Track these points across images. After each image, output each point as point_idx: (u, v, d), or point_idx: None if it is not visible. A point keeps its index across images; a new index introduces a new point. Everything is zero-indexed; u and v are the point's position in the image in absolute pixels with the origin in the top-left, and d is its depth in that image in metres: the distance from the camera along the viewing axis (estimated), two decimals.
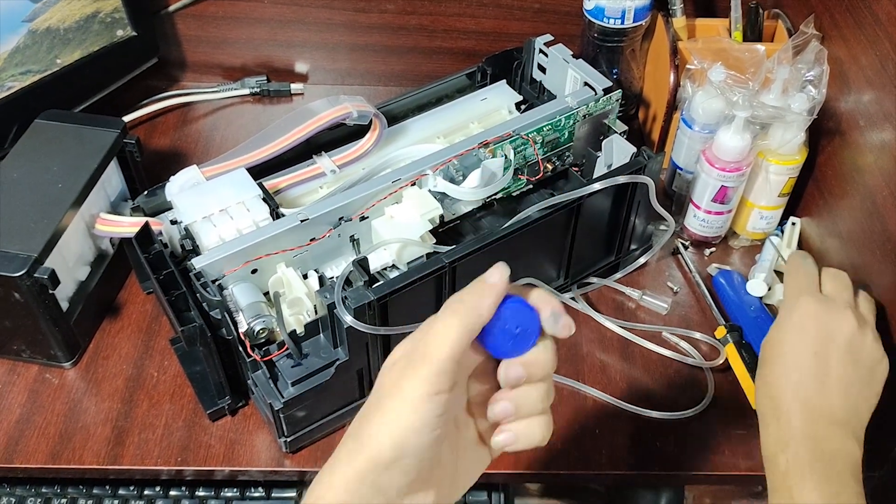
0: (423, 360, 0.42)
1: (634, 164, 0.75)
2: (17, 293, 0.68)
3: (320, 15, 1.01)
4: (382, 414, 0.42)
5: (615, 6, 0.87)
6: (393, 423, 0.42)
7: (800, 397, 0.60)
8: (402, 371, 0.43)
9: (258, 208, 0.71)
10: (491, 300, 0.43)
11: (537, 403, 0.46)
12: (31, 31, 0.86)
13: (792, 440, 0.58)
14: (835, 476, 0.56)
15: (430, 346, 0.42)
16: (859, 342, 0.62)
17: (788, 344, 0.63)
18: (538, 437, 0.46)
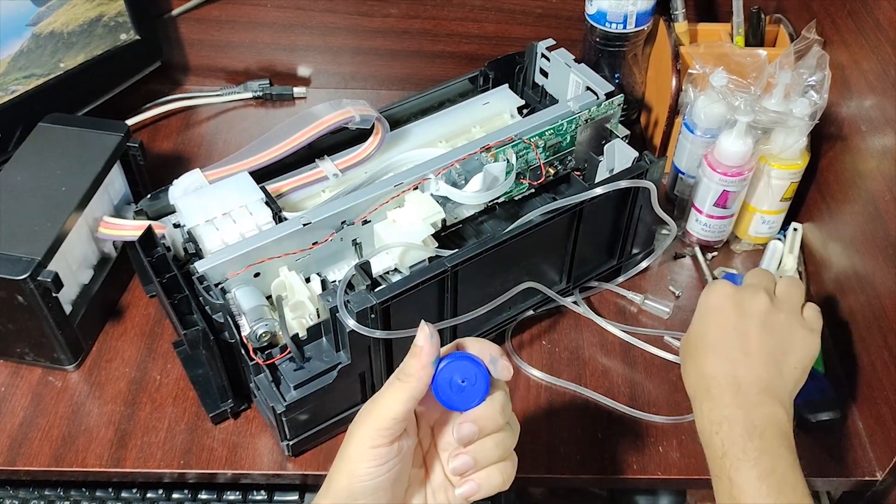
0: (369, 418, 0.49)
1: (636, 169, 0.75)
2: (20, 296, 0.68)
3: (323, 19, 1.01)
4: (342, 460, 0.50)
5: (617, 11, 0.88)
6: (345, 467, 0.49)
7: (727, 371, 0.61)
8: (357, 425, 0.50)
9: (261, 212, 0.71)
10: (420, 363, 0.49)
11: (494, 452, 0.51)
12: (34, 35, 0.86)
13: (725, 419, 0.59)
14: (767, 449, 0.57)
15: (377, 407, 0.49)
16: (773, 317, 0.63)
17: (709, 326, 0.64)
18: (498, 483, 0.51)
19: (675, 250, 0.88)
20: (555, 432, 0.72)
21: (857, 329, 0.75)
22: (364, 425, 0.49)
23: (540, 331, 0.80)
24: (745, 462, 0.57)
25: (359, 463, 0.49)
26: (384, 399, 0.49)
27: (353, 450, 0.49)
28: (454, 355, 0.50)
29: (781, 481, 0.56)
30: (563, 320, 0.81)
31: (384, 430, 0.48)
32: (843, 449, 0.72)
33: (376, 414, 0.49)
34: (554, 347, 0.79)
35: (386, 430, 0.48)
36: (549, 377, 0.76)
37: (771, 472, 0.56)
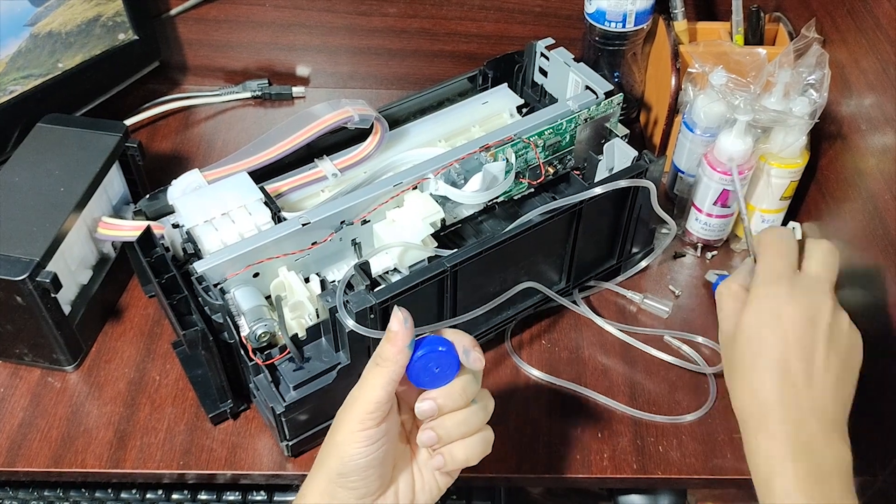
0: (355, 403, 0.52)
1: (636, 168, 0.75)
2: (19, 297, 0.68)
3: (322, 18, 1.01)
4: (332, 445, 0.53)
5: (616, 10, 0.87)
6: (335, 451, 0.52)
7: (790, 401, 0.55)
8: (344, 411, 0.53)
9: (260, 212, 0.71)
10: (396, 348, 0.51)
11: (456, 429, 0.54)
12: (32, 35, 0.86)
13: (787, 458, 0.54)
14: (835, 498, 0.52)
15: (362, 392, 0.52)
16: (838, 327, 0.57)
17: (767, 336, 0.57)
18: (462, 458, 0.55)
19: (674, 249, 0.88)
20: (554, 432, 0.72)
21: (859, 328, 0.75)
22: (351, 410, 0.52)
23: (539, 330, 0.80)
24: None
25: (349, 446, 0.52)
26: (367, 384, 0.52)
27: (342, 435, 0.52)
28: (429, 339, 0.53)
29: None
30: (563, 320, 0.81)
31: (370, 413, 0.51)
32: None
33: (362, 399, 0.52)
34: (553, 347, 0.79)
35: (372, 413, 0.51)
36: (549, 377, 0.76)
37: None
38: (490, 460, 0.69)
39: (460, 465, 0.55)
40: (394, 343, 0.51)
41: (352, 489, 0.53)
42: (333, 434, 0.53)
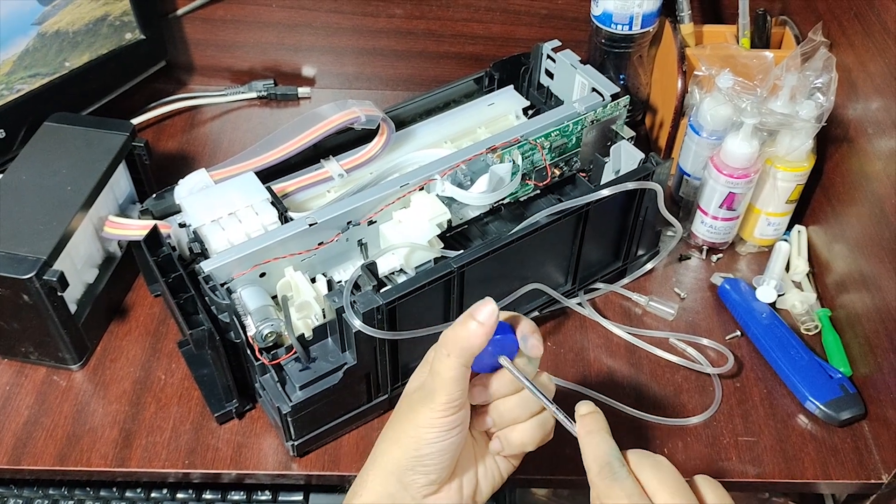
0: (433, 395, 0.52)
1: (643, 171, 0.75)
2: (26, 295, 0.68)
3: (328, 19, 1.01)
4: (404, 432, 0.53)
5: (623, 12, 0.87)
6: (410, 438, 0.52)
7: None
8: (420, 401, 0.53)
9: (267, 212, 0.71)
10: (482, 339, 0.51)
11: (509, 413, 0.55)
12: (40, 34, 0.86)
13: None
14: None
15: (438, 382, 0.52)
16: None
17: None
18: (518, 442, 0.56)
19: (679, 252, 0.88)
20: (559, 433, 0.72)
21: (863, 332, 0.75)
22: (432, 399, 0.52)
23: (545, 332, 0.80)
24: None
25: (429, 431, 0.52)
26: (446, 373, 0.52)
27: (422, 420, 0.52)
28: (500, 328, 0.53)
29: None
30: (568, 322, 0.81)
31: (453, 401, 0.52)
32: (849, 451, 0.72)
33: (443, 389, 0.52)
34: (559, 349, 0.79)
35: (454, 401, 0.52)
36: (554, 378, 0.75)
37: None
38: None
39: (516, 449, 0.56)
40: (477, 335, 0.51)
41: (424, 474, 0.53)
42: (406, 422, 0.53)
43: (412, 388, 0.56)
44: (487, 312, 0.51)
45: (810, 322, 0.80)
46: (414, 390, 0.55)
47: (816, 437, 0.73)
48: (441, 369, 0.52)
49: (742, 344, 0.80)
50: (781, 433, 0.73)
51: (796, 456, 0.71)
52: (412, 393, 0.55)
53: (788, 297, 0.82)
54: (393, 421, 0.55)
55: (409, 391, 0.56)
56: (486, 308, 0.51)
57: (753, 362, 0.78)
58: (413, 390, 0.55)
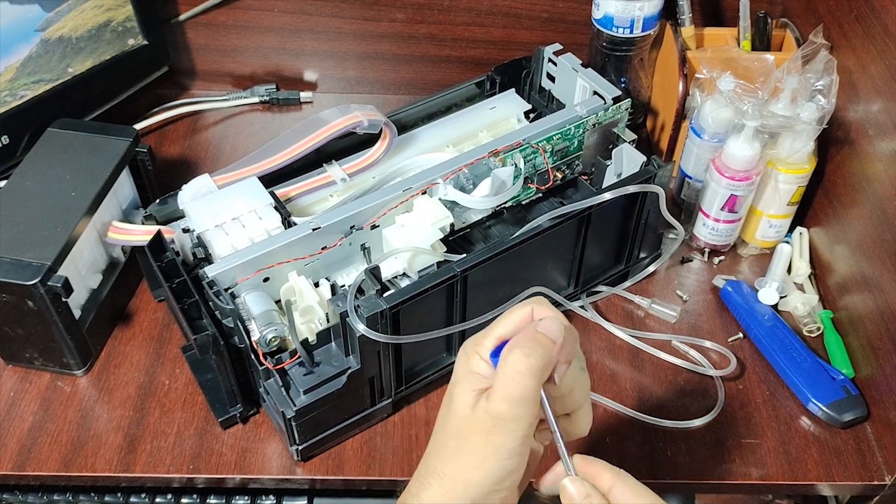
0: (515, 422, 0.47)
1: (644, 174, 0.75)
2: (30, 301, 0.68)
3: (330, 24, 1.02)
4: (483, 456, 0.48)
5: (624, 16, 0.88)
6: (494, 466, 0.48)
7: None
8: (498, 430, 0.47)
9: (270, 217, 0.72)
10: (553, 361, 0.48)
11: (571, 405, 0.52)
12: (43, 40, 0.86)
13: None
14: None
15: (517, 408, 0.47)
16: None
17: None
18: (579, 431, 0.53)
19: (682, 254, 0.88)
20: None
21: (865, 333, 0.75)
22: (507, 427, 0.48)
23: None
24: None
25: (512, 459, 0.48)
26: (523, 401, 0.47)
27: (505, 449, 0.48)
28: None
29: None
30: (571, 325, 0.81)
31: (531, 427, 0.48)
32: (852, 453, 0.72)
33: (520, 418, 0.48)
34: None
35: (532, 426, 0.48)
36: None
37: None
38: None
39: (576, 436, 0.53)
40: (552, 357, 0.47)
41: (502, 497, 0.49)
42: (482, 447, 0.48)
43: (470, 410, 0.49)
44: (557, 330, 0.48)
45: (812, 324, 0.80)
46: (476, 414, 0.48)
47: (819, 438, 0.73)
48: (517, 392, 0.47)
49: (744, 346, 0.80)
50: (784, 435, 0.73)
51: (799, 458, 0.71)
52: (473, 416, 0.48)
53: (790, 298, 0.82)
54: (452, 453, 0.49)
55: (466, 415, 0.49)
56: (556, 327, 0.48)
57: (756, 364, 0.78)
58: (473, 413, 0.48)
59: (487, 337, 0.50)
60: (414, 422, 0.73)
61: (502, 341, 0.49)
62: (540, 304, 0.50)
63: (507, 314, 0.50)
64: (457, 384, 0.50)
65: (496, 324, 0.50)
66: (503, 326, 0.50)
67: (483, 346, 0.50)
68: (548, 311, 0.50)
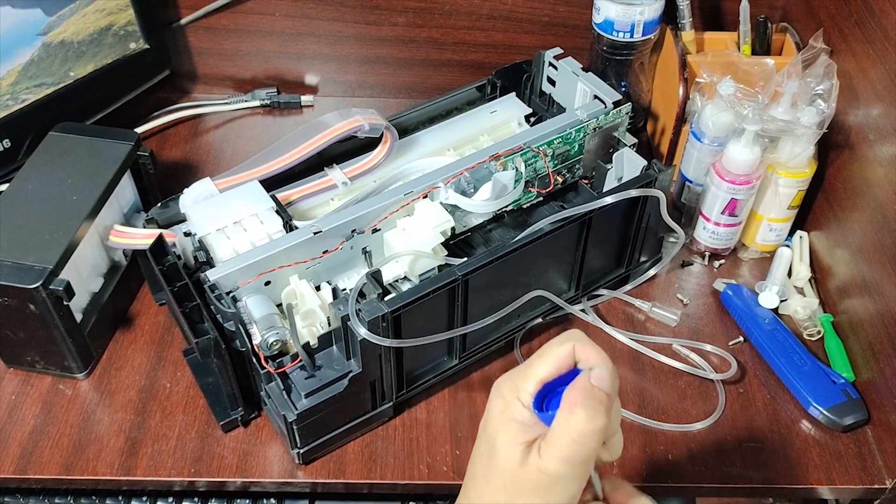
0: (569, 481, 0.45)
1: (645, 178, 0.75)
2: (32, 305, 0.68)
3: (331, 27, 1.02)
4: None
5: (625, 20, 0.88)
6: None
7: None
8: (550, 487, 0.45)
9: (272, 220, 0.72)
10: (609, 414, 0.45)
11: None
12: (45, 44, 0.86)
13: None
14: None
15: (577, 468, 0.45)
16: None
17: None
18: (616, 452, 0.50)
19: (682, 258, 0.88)
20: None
21: (866, 337, 0.75)
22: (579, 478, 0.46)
23: (549, 339, 0.79)
24: None
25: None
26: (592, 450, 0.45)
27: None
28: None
29: None
30: (572, 328, 0.81)
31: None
32: (852, 456, 0.72)
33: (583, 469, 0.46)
34: None
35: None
36: None
37: None
38: None
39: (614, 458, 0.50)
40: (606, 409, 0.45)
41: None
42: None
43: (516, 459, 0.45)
44: (610, 382, 0.45)
45: (813, 327, 0.81)
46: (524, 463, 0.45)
47: (820, 442, 0.73)
48: (581, 455, 0.44)
49: (745, 350, 0.80)
50: (785, 438, 0.73)
51: (800, 461, 0.71)
52: (526, 467, 0.45)
53: (791, 302, 0.82)
54: (508, 496, 0.46)
55: (510, 459, 0.46)
56: (607, 377, 0.45)
57: (756, 368, 0.78)
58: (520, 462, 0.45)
59: (527, 380, 0.46)
60: (415, 425, 0.73)
61: (543, 384, 0.46)
62: (581, 343, 0.47)
63: (545, 353, 0.47)
64: (499, 433, 0.46)
65: (534, 364, 0.47)
66: (543, 368, 0.46)
67: (524, 392, 0.46)
68: (592, 353, 0.46)
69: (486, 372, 0.77)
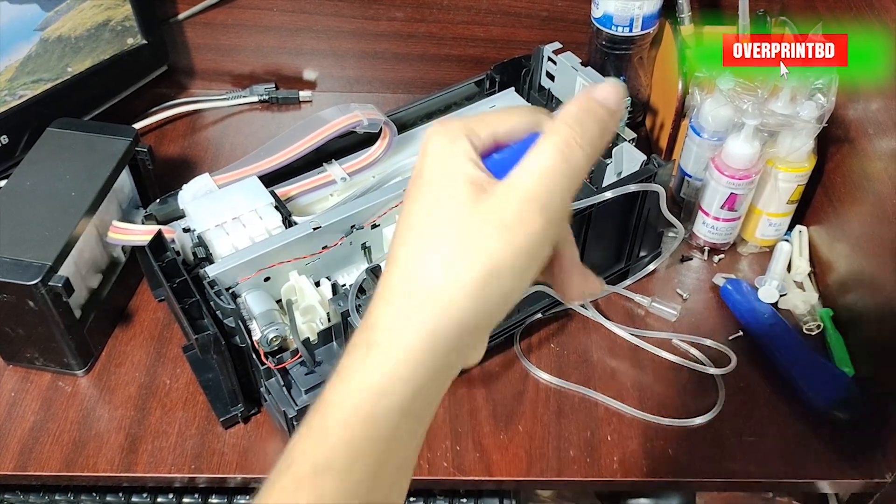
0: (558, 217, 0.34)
1: (645, 172, 0.75)
2: (31, 301, 0.68)
3: (329, 23, 1.02)
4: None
5: (623, 14, 0.88)
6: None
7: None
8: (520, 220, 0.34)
9: (271, 216, 0.72)
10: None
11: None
12: (42, 39, 0.86)
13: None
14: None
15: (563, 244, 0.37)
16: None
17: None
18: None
19: (681, 253, 0.88)
20: (564, 435, 0.73)
21: (866, 331, 0.75)
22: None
23: (548, 334, 0.80)
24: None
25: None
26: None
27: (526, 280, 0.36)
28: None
29: None
30: (572, 323, 0.81)
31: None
32: (853, 451, 0.72)
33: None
34: (563, 350, 0.79)
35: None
36: (558, 380, 0.76)
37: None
38: (500, 464, 0.70)
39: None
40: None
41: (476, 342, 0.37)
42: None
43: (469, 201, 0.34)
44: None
45: (812, 322, 0.81)
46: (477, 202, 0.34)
47: (819, 436, 0.73)
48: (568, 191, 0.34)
49: (744, 344, 0.80)
50: (784, 433, 0.73)
51: (799, 456, 0.72)
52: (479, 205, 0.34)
53: (790, 297, 0.82)
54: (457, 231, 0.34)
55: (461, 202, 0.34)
56: (594, 142, 0.35)
57: (756, 362, 0.78)
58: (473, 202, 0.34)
59: (482, 124, 0.36)
60: None
61: (496, 143, 0.36)
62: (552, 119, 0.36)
63: (506, 111, 0.37)
64: (444, 169, 0.35)
65: (489, 116, 0.36)
66: (501, 122, 0.36)
67: (475, 135, 0.36)
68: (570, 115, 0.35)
69: (486, 368, 0.77)
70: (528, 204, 0.34)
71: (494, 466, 0.70)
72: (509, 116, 0.37)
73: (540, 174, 0.34)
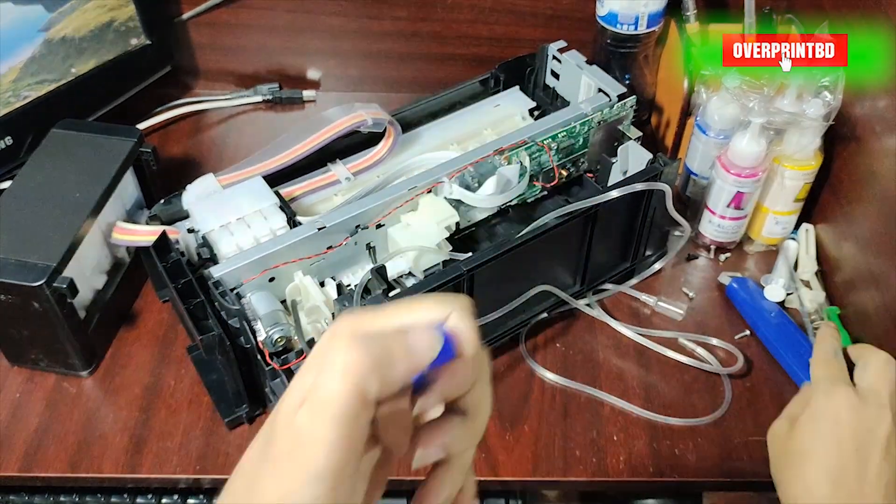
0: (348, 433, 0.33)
1: (651, 171, 0.75)
2: (36, 303, 0.68)
3: (333, 22, 1.01)
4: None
5: (629, 12, 0.87)
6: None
7: (840, 501, 0.56)
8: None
9: (275, 217, 0.72)
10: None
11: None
12: (46, 40, 0.86)
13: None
14: None
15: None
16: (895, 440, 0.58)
17: (827, 441, 0.59)
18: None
19: (687, 252, 0.88)
20: (570, 435, 0.72)
21: (873, 329, 0.75)
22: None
23: (554, 333, 0.80)
24: None
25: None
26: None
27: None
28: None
29: None
30: (577, 323, 0.81)
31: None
32: None
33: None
34: (568, 350, 0.79)
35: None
36: (564, 380, 0.76)
37: None
38: (506, 464, 0.69)
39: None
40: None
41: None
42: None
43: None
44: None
45: (819, 320, 0.80)
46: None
47: None
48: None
49: (751, 343, 0.79)
50: None
51: None
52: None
53: (797, 295, 0.82)
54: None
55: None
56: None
57: (763, 361, 0.78)
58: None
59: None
60: None
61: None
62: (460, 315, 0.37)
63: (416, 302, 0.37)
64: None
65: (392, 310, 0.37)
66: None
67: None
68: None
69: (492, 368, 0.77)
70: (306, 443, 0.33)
71: (500, 466, 0.70)
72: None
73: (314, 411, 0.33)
